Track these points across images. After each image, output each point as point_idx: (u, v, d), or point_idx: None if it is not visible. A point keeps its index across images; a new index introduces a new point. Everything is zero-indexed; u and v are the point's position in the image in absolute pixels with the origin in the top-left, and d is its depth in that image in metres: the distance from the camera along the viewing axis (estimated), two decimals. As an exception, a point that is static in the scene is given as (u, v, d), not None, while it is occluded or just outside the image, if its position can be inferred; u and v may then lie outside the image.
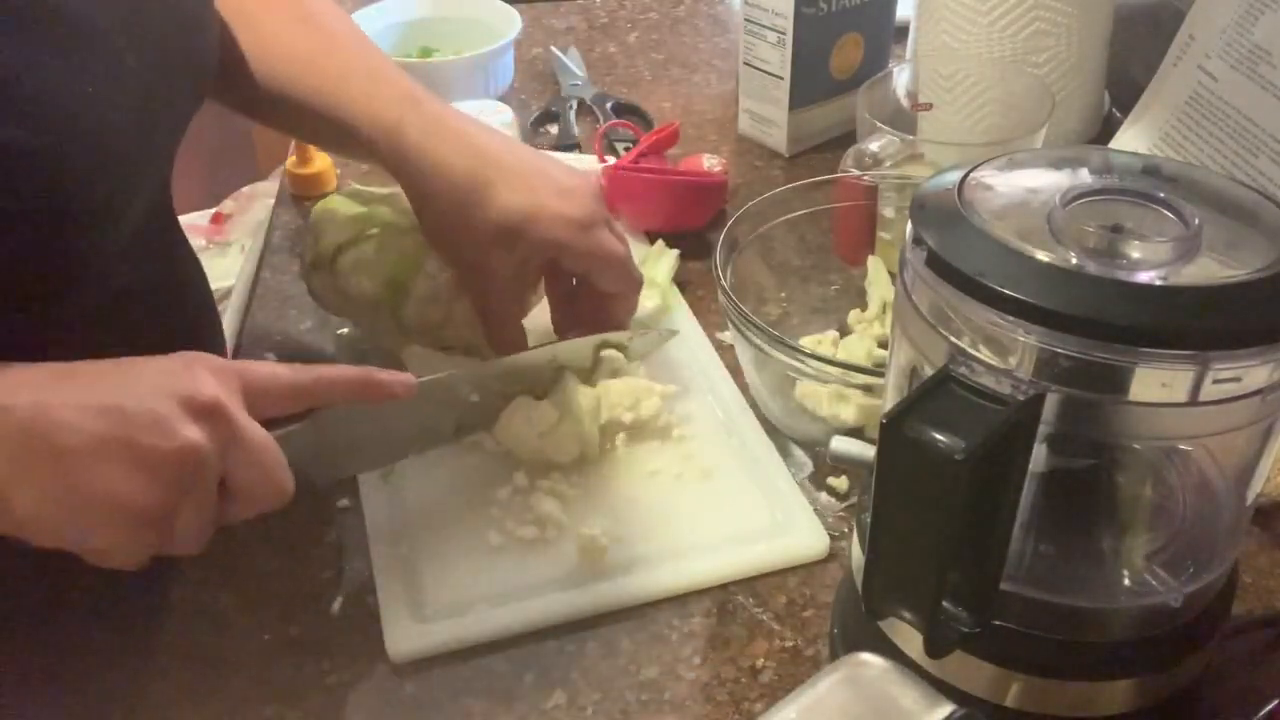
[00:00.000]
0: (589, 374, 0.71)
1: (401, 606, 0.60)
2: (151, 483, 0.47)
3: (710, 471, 0.68)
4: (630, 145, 0.99)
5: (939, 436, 0.38)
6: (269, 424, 0.52)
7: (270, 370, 0.53)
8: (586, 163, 0.98)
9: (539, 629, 0.60)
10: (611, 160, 0.96)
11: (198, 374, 0.49)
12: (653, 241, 0.85)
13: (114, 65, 0.56)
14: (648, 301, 0.78)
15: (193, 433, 0.47)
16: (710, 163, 0.93)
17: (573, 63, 1.16)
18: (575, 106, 1.09)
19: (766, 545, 0.63)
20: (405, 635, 0.59)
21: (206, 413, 0.48)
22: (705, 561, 0.63)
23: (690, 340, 0.79)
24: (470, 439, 0.69)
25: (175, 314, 0.72)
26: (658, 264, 0.82)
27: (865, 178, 0.77)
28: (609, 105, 1.10)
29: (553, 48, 1.19)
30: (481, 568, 0.62)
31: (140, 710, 0.57)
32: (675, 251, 0.83)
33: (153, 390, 0.48)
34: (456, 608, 0.60)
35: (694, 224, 0.89)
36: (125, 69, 0.56)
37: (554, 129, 1.07)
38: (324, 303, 0.75)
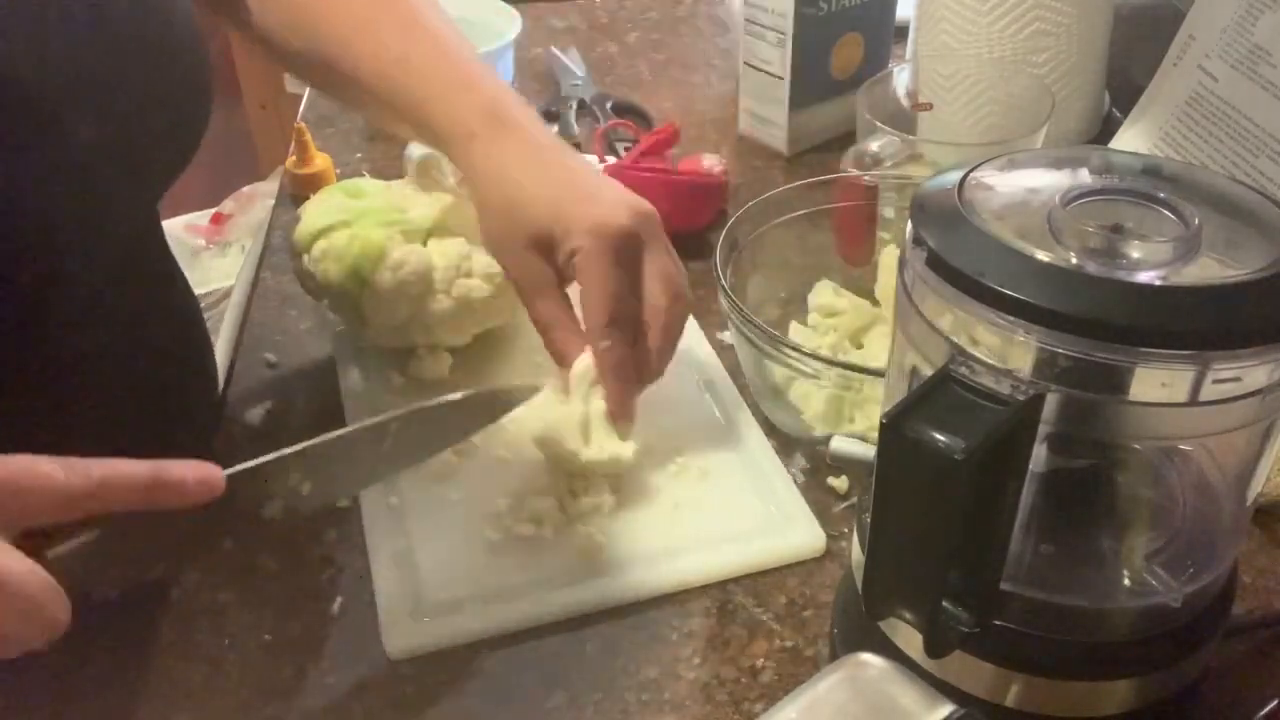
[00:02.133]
0: None
1: (399, 603, 0.60)
2: None
3: (707, 470, 0.68)
4: (630, 145, 0.99)
5: (939, 436, 0.38)
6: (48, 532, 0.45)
7: (39, 475, 0.44)
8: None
9: (536, 626, 0.60)
10: (611, 160, 0.96)
11: None
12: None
13: (57, 140, 0.54)
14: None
15: None
16: (710, 162, 0.93)
17: (572, 63, 1.16)
18: (575, 106, 1.09)
19: (763, 543, 0.63)
20: (403, 631, 0.59)
21: None
22: (702, 558, 0.63)
23: (689, 340, 0.79)
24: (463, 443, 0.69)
25: (165, 348, 0.71)
26: None
27: (865, 178, 0.77)
28: (609, 105, 1.10)
29: (553, 48, 1.19)
30: (479, 564, 0.62)
31: (140, 710, 0.57)
32: None
33: None
34: (454, 605, 0.60)
35: (694, 224, 0.89)
36: (73, 144, 0.55)
37: (554, 129, 1.07)
38: (305, 287, 0.76)
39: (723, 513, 0.66)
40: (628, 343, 0.64)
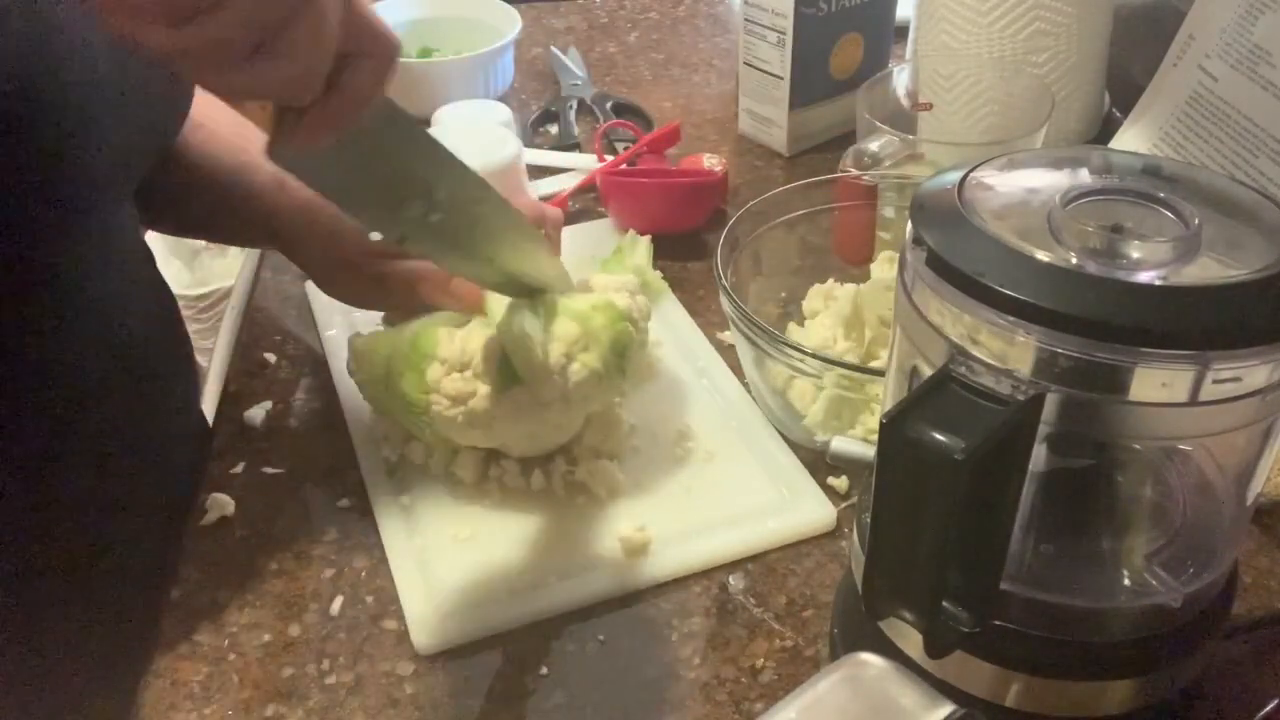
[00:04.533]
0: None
1: (423, 600, 0.61)
2: None
3: (714, 453, 0.70)
4: (630, 145, 0.99)
5: (939, 436, 0.38)
6: None
7: None
8: (586, 162, 0.98)
9: (545, 620, 0.60)
10: (610, 159, 0.96)
11: None
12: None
13: (83, 40, 0.56)
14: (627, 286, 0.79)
15: None
16: (711, 162, 0.93)
17: (572, 63, 1.16)
18: (575, 106, 1.09)
19: (775, 522, 0.65)
20: (430, 628, 0.59)
21: None
22: (716, 539, 0.64)
23: (690, 340, 0.79)
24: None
25: (144, 331, 0.71)
26: (634, 251, 0.82)
27: (865, 178, 0.77)
28: (609, 105, 1.10)
29: (553, 48, 1.19)
30: (497, 558, 0.63)
31: (141, 710, 0.57)
32: (647, 238, 0.83)
33: None
34: (479, 599, 0.61)
35: (689, 225, 0.89)
36: (92, 167, 0.56)
37: (554, 129, 1.07)
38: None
39: (733, 493, 0.67)
40: None
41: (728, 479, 0.68)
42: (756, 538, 0.64)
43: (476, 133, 0.88)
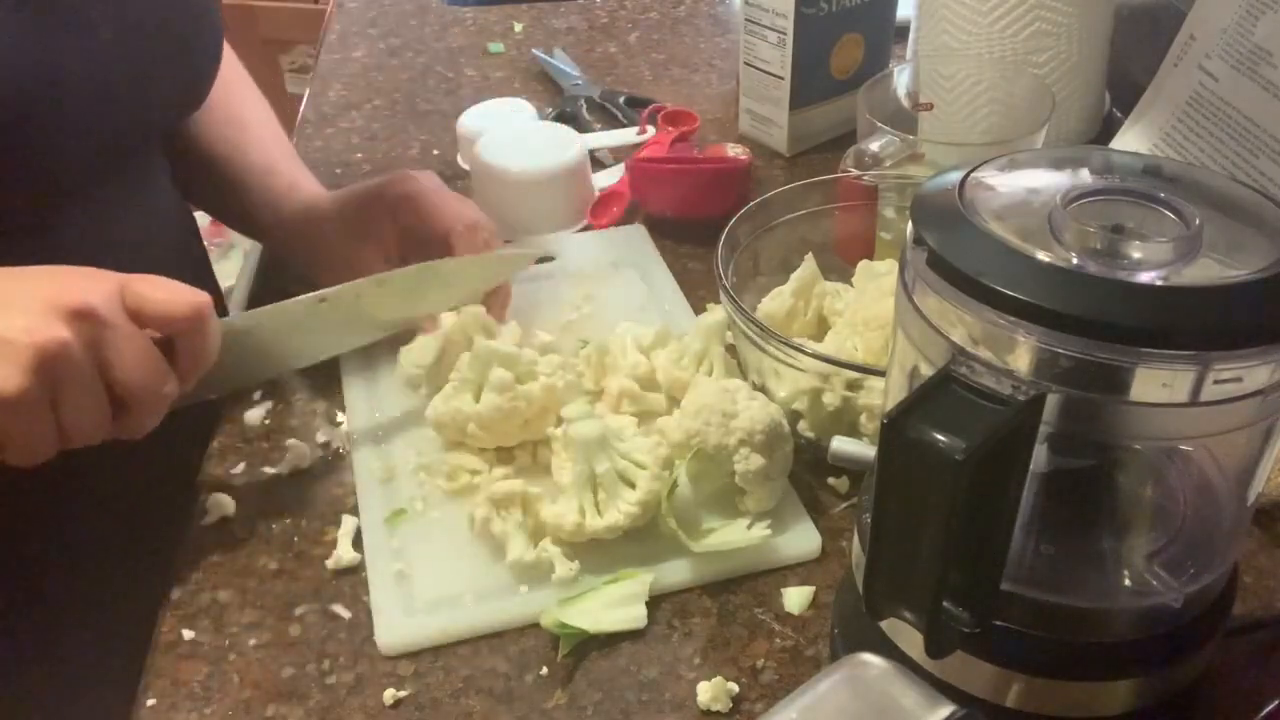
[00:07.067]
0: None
1: (393, 600, 0.61)
2: (16, 372, 0.50)
3: None
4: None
5: (939, 436, 0.38)
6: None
7: (150, 284, 0.56)
8: (627, 137, 1.03)
9: (524, 625, 0.60)
10: (652, 131, 0.99)
11: (71, 281, 0.54)
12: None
13: (85, 35, 0.61)
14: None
15: (57, 330, 0.51)
16: (735, 150, 0.93)
17: (561, 62, 1.17)
18: (585, 105, 1.10)
19: (759, 552, 0.63)
20: (395, 628, 0.59)
21: (74, 315, 0.52)
22: (696, 561, 0.62)
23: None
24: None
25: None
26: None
27: (865, 178, 0.77)
28: (622, 100, 1.10)
29: (536, 52, 1.19)
30: (473, 563, 0.63)
31: (141, 710, 0.57)
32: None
33: (24, 295, 0.52)
34: (445, 602, 0.61)
35: (712, 211, 0.88)
36: (98, 41, 0.61)
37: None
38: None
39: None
40: None
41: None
42: (741, 563, 0.63)
43: (535, 131, 0.93)
